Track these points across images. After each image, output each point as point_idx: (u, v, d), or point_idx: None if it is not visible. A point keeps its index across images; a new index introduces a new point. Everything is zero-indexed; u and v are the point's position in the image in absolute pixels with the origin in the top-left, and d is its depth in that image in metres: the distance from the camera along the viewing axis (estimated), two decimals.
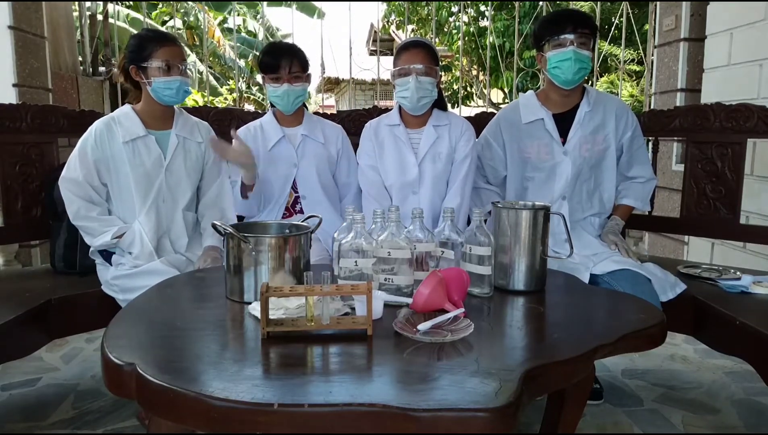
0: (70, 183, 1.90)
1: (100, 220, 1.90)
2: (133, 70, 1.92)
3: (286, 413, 0.87)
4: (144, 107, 1.98)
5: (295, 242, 1.43)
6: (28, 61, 3.23)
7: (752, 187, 2.70)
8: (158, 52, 1.90)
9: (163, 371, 0.97)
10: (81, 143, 1.92)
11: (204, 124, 2.13)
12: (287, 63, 2.10)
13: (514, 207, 1.50)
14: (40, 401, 2.08)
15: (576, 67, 1.90)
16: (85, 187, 1.90)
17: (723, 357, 2.33)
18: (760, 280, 1.89)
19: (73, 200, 1.90)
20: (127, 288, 1.80)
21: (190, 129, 2.04)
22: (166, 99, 1.94)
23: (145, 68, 1.90)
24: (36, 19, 3.32)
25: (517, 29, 4.51)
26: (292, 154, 2.18)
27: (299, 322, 1.17)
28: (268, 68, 2.12)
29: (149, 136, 1.95)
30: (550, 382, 1.07)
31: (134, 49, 1.93)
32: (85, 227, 1.91)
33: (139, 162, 1.92)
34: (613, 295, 1.57)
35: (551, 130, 2.00)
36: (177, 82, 1.91)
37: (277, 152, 2.18)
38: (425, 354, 1.06)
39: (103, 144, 1.91)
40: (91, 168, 1.90)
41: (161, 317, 1.28)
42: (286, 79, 2.10)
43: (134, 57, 1.92)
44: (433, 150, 2.09)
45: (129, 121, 1.95)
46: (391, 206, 1.38)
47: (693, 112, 2.30)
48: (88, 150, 1.90)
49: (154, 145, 1.95)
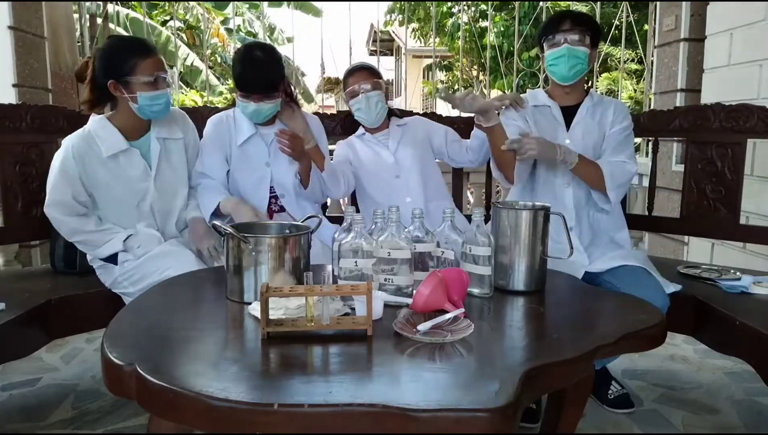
0: (58, 206, 1.82)
1: (99, 231, 1.86)
2: (112, 85, 1.79)
3: (286, 413, 0.87)
4: (122, 120, 1.87)
5: (295, 242, 1.43)
6: (27, 61, 3.23)
7: (752, 187, 2.70)
8: (142, 66, 1.78)
9: (163, 371, 0.97)
10: (60, 163, 1.81)
11: (178, 112, 2.03)
12: (257, 84, 1.94)
13: (514, 207, 1.50)
14: (40, 401, 2.08)
15: (570, 63, 1.93)
16: (73, 205, 1.83)
17: (723, 357, 2.33)
18: (760, 280, 1.89)
19: (65, 221, 1.83)
20: (139, 278, 1.80)
21: (168, 127, 1.96)
22: (152, 115, 1.86)
23: (127, 83, 1.79)
24: (36, 19, 3.32)
25: (517, 29, 4.51)
26: (264, 152, 2.07)
27: (299, 323, 1.17)
28: (238, 85, 1.97)
29: (132, 150, 1.87)
30: (550, 382, 1.07)
31: (112, 61, 1.80)
32: (85, 241, 1.87)
33: (124, 178, 1.86)
34: (613, 295, 1.57)
35: (557, 115, 2.04)
36: (165, 95, 1.83)
37: (248, 149, 2.07)
38: (425, 354, 1.06)
39: (82, 158, 1.82)
40: (76, 183, 1.82)
41: (161, 317, 1.28)
42: (255, 99, 1.95)
43: (113, 71, 1.79)
44: (404, 139, 2.27)
45: (108, 135, 1.85)
46: (392, 206, 1.38)
47: (693, 112, 2.30)
48: (68, 167, 1.81)
49: (138, 159, 1.88)
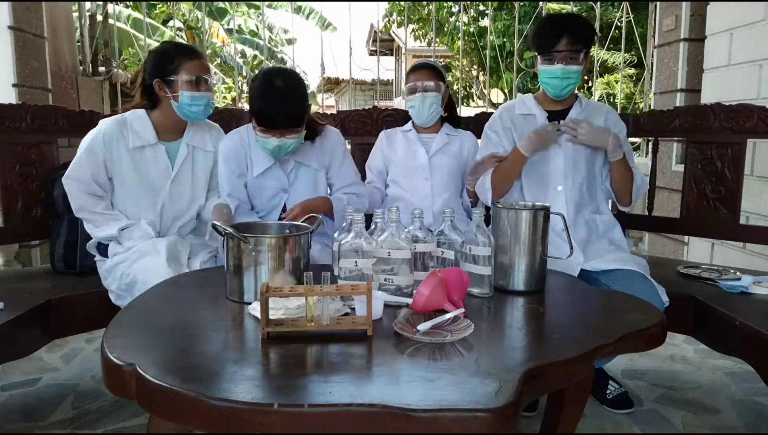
0: (75, 180, 1.88)
1: (104, 214, 1.91)
2: (157, 84, 1.88)
3: (286, 413, 0.87)
4: (160, 118, 1.95)
5: (295, 242, 1.43)
6: (28, 61, 3.23)
7: (752, 187, 2.70)
8: (186, 67, 1.87)
9: (163, 371, 0.97)
10: (90, 141, 1.89)
11: (215, 127, 2.09)
12: (279, 120, 1.85)
13: (514, 207, 1.50)
14: (40, 401, 2.08)
15: (564, 84, 1.96)
16: (91, 184, 1.89)
17: (723, 357, 2.33)
18: (760, 281, 1.89)
19: (78, 196, 1.89)
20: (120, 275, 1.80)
21: (201, 137, 2.01)
22: (191, 115, 1.92)
23: (171, 82, 1.87)
24: (36, 19, 3.32)
25: (517, 29, 4.51)
26: (283, 180, 2.03)
27: (299, 323, 1.17)
28: (258, 121, 1.87)
29: (159, 145, 1.94)
30: (550, 382, 1.07)
31: (159, 62, 1.89)
32: (88, 219, 1.92)
33: (144, 171, 1.92)
34: (613, 295, 1.57)
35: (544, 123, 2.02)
36: (206, 98, 1.90)
37: (266, 179, 2.02)
38: (425, 354, 1.06)
39: (110, 143, 1.89)
40: (99, 165, 1.89)
41: (161, 317, 1.28)
42: (277, 134, 1.87)
43: (159, 70, 1.88)
44: (445, 148, 2.21)
45: (141, 127, 1.92)
46: (392, 206, 1.38)
47: (693, 112, 2.30)
48: (96, 148, 1.88)
49: (163, 155, 1.94)
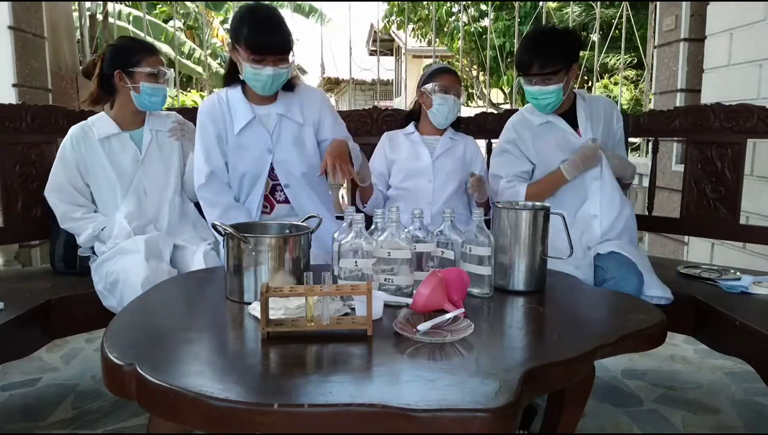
0: (54, 190, 1.97)
1: (83, 218, 1.96)
2: (118, 75, 1.97)
3: (286, 413, 0.87)
4: (118, 111, 2.03)
5: (295, 242, 1.42)
6: (28, 61, 3.23)
7: (752, 187, 2.70)
8: (147, 60, 1.97)
9: (163, 371, 0.97)
10: (60, 150, 2.00)
11: (172, 114, 2.14)
12: (276, 44, 1.80)
13: (514, 207, 1.50)
14: (40, 401, 2.08)
15: (544, 102, 1.97)
16: (69, 191, 1.97)
17: (723, 357, 2.33)
18: (760, 281, 1.89)
19: (59, 205, 1.97)
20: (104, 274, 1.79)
21: (162, 123, 2.09)
22: (150, 105, 2.01)
23: (132, 73, 1.96)
24: (36, 19, 3.32)
25: (518, 29, 4.51)
26: (266, 138, 1.93)
27: (299, 323, 1.17)
28: (250, 47, 1.80)
29: (123, 134, 2.02)
30: (550, 382, 1.07)
31: (121, 54, 1.98)
32: (72, 228, 1.97)
33: (116, 160, 1.98)
34: (613, 295, 1.57)
35: (563, 126, 2.04)
36: (163, 90, 2.01)
37: (247, 137, 1.93)
38: (425, 354, 1.06)
39: (79, 145, 1.97)
40: (72, 169, 1.97)
41: (161, 317, 1.28)
42: (272, 61, 1.81)
43: (121, 62, 1.97)
44: (449, 151, 2.19)
45: (103, 123, 2.02)
46: (392, 206, 1.38)
47: (693, 112, 2.30)
48: (67, 153, 1.97)
49: (129, 142, 2.01)
